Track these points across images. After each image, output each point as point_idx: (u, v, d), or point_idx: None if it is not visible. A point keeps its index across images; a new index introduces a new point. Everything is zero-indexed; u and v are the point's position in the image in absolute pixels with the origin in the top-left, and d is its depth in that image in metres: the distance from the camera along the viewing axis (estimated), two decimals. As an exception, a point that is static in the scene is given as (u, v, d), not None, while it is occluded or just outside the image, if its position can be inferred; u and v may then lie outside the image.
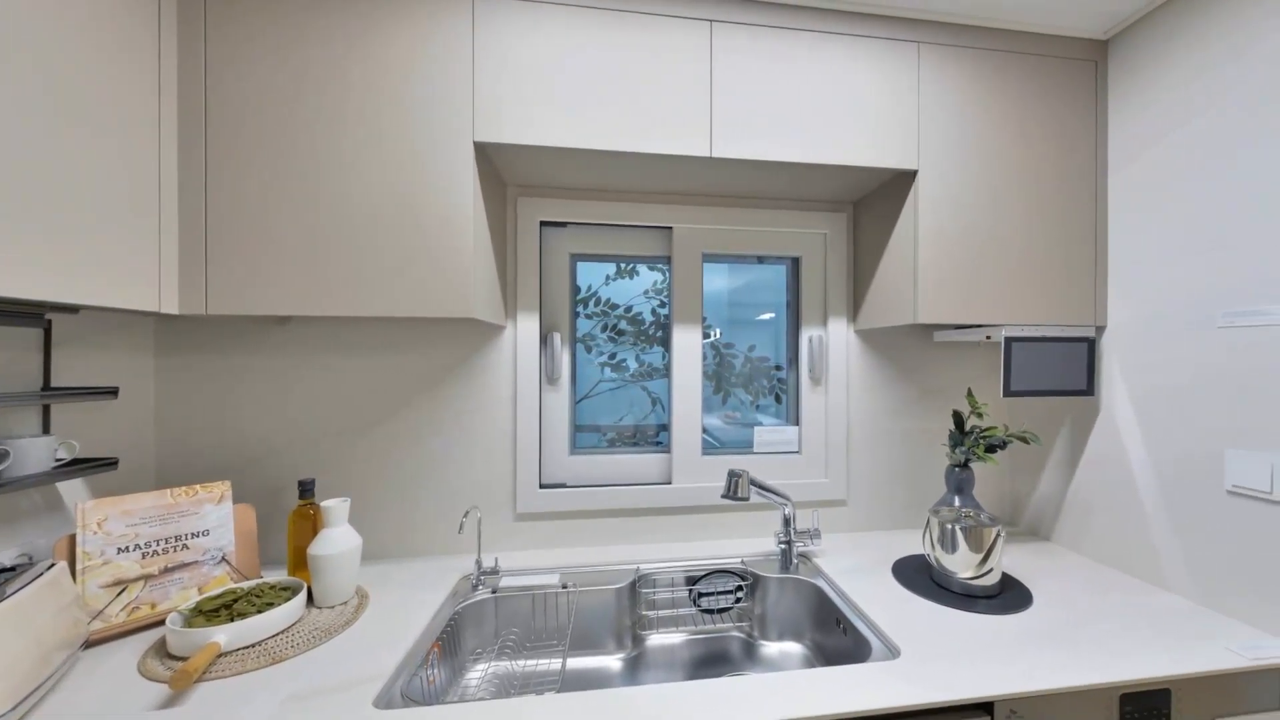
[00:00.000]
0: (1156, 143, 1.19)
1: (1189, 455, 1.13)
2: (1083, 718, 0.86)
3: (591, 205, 1.37)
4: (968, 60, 1.23)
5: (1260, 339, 1.01)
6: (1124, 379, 1.26)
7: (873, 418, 1.50)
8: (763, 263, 1.51)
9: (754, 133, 1.14)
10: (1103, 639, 0.95)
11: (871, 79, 1.19)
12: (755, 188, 1.36)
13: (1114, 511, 1.28)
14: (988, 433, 1.24)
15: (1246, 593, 1.03)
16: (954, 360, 1.53)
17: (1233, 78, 1.06)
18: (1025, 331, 1.26)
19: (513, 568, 1.27)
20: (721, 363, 1.50)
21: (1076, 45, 1.28)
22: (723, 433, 1.50)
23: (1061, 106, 1.28)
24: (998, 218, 1.24)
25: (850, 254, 1.50)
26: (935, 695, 0.79)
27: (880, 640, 0.98)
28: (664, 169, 1.22)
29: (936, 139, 1.22)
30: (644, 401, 1.47)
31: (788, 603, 1.27)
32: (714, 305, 1.49)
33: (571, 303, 1.43)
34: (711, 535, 1.43)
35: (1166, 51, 1.18)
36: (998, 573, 1.12)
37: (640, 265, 1.47)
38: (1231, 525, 1.05)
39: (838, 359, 1.48)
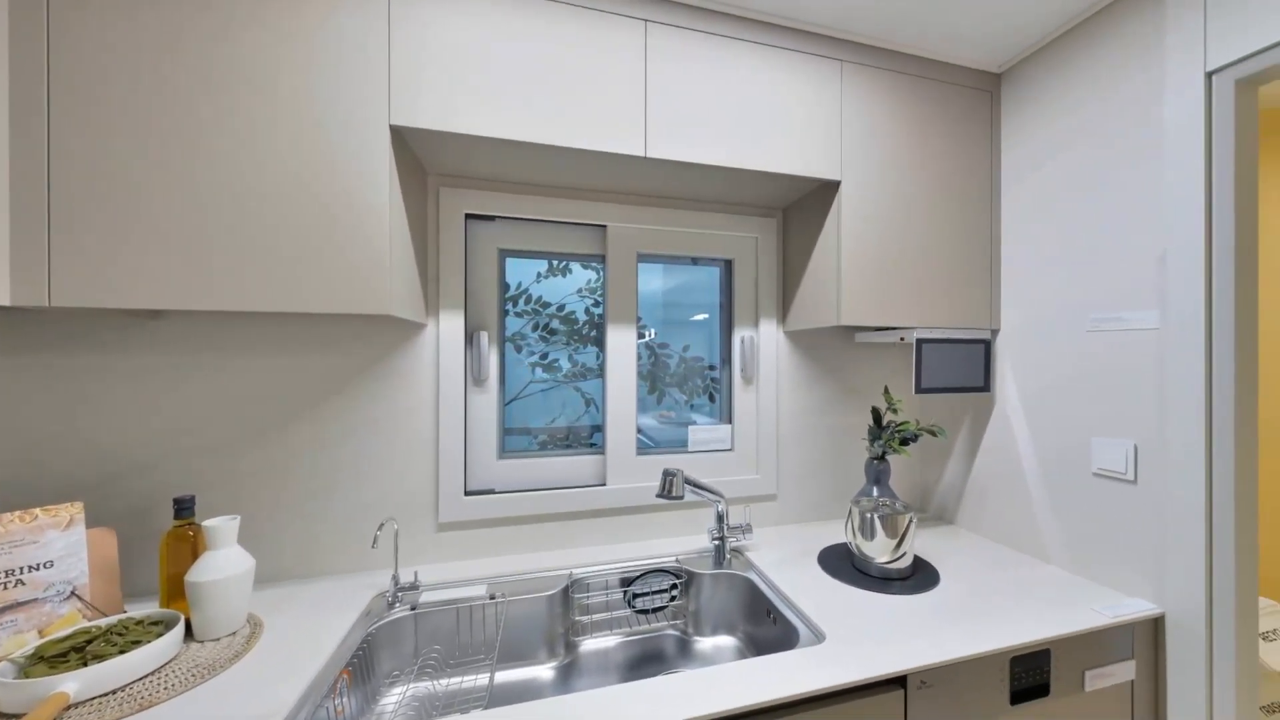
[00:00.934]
0: (1037, 169, 1.34)
1: (1064, 443, 1.27)
2: (980, 680, 0.95)
3: (522, 199, 1.32)
4: (885, 81, 1.32)
5: (1118, 341, 1.16)
6: (1014, 377, 1.40)
7: (800, 415, 1.56)
8: (697, 264, 1.53)
9: (689, 135, 1.15)
10: (996, 610, 1.05)
11: (800, 92, 1.24)
12: (690, 190, 1.37)
13: (1005, 495, 1.42)
14: (902, 427, 1.34)
15: (1108, 561, 1.18)
16: (873, 360, 1.64)
17: (1095, 115, 1.21)
18: (933, 334, 1.37)
19: (435, 581, 1.19)
20: (656, 363, 1.50)
21: (975, 76, 1.41)
22: (657, 432, 1.50)
23: (964, 130, 1.40)
24: (910, 229, 1.34)
25: (780, 258, 1.55)
26: (855, 674, 0.84)
27: (807, 627, 1.02)
28: (598, 166, 1.20)
29: (858, 152, 1.29)
30: (577, 402, 1.44)
31: (721, 597, 1.29)
32: (649, 305, 1.48)
33: (500, 300, 1.36)
34: (647, 535, 1.43)
35: (1045, 88, 1.33)
36: (910, 556, 1.20)
37: (573, 263, 1.43)
38: (1097, 503, 1.20)
39: (768, 359, 1.53)
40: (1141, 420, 1.12)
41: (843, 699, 0.85)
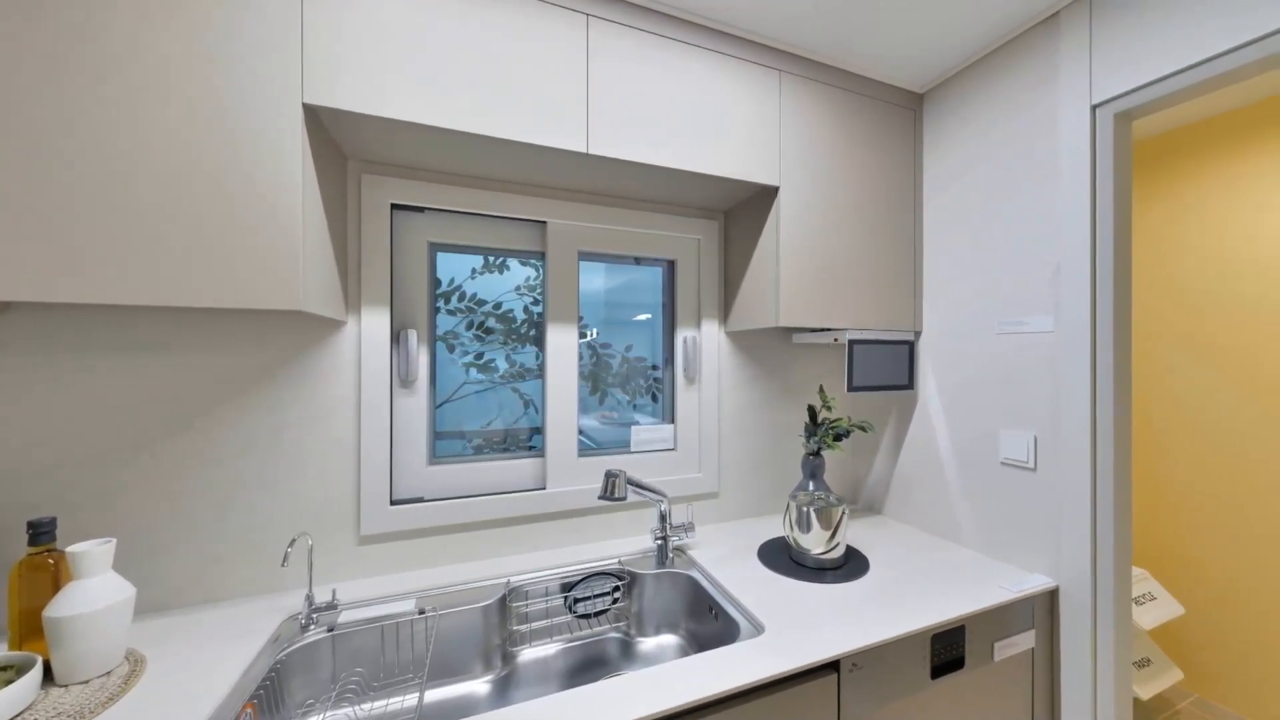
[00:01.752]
0: (951, 185, 1.45)
1: (976, 436, 1.38)
2: (905, 659, 1.01)
3: (455, 191, 1.26)
4: (821, 93, 1.37)
5: (1020, 344, 1.28)
6: (934, 375, 1.50)
7: (741, 413, 1.60)
8: (640, 264, 1.53)
9: (633, 135, 1.14)
10: (919, 593, 1.12)
11: (741, 98, 1.27)
12: (633, 189, 1.37)
13: (927, 485, 1.52)
14: (835, 424, 1.39)
15: (1013, 542, 1.29)
16: (809, 359, 1.70)
17: (1001, 139, 1.33)
18: (864, 335, 1.44)
19: (356, 599, 1.10)
20: (598, 363, 1.48)
21: (901, 95, 1.51)
22: (600, 433, 1.48)
23: (891, 144, 1.49)
24: (842, 235, 1.40)
25: (721, 260, 1.58)
26: (792, 663, 0.87)
27: (748, 620, 1.04)
28: (538, 161, 1.16)
29: (795, 160, 1.33)
30: (515, 404, 1.39)
31: (664, 597, 1.29)
32: (591, 305, 1.46)
33: (431, 297, 1.29)
34: (589, 538, 1.40)
35: (960, 111, 1.43)
36: (843, 546, 1.25)
37: (511, 260, 1.38)
38: (1003, 490, 1.31)
39: (710, 359, 1.55)
40: (1040, 414, 1.23)
41: (781, 687, 0.88)
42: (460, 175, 1.26)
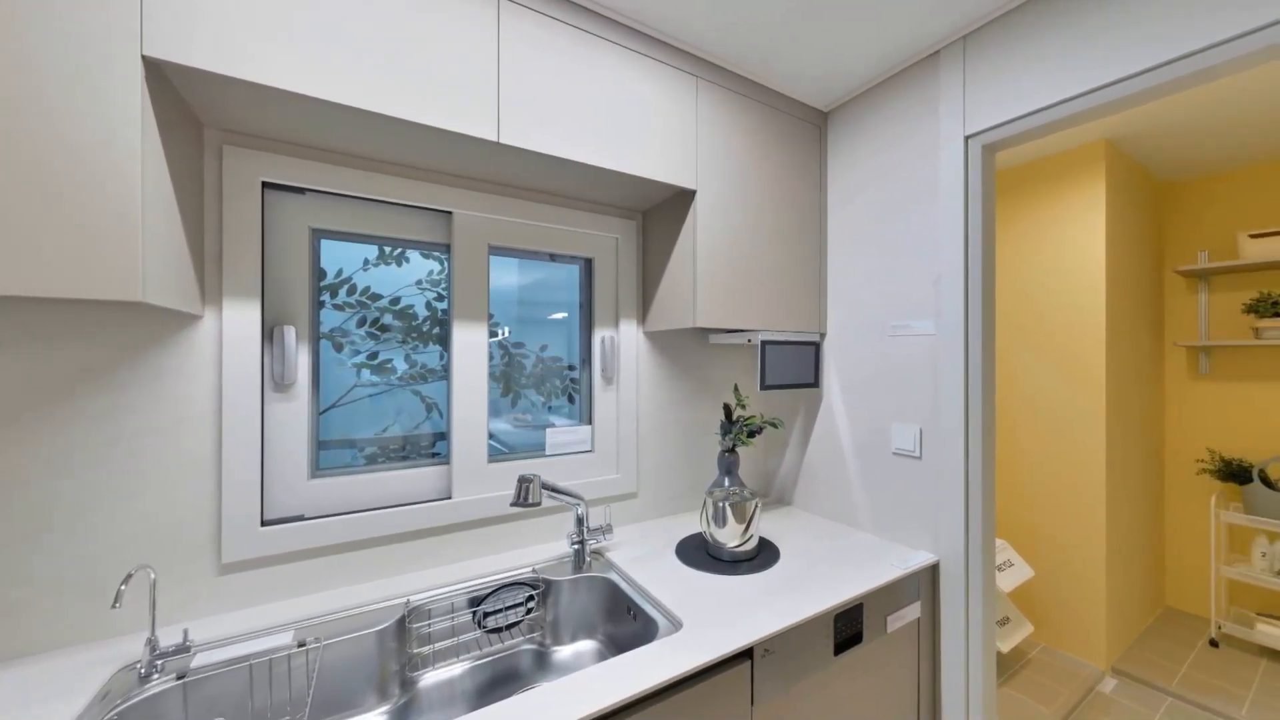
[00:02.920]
0: (852, 200, 1.56)
1: (872, 429, 1.50)
2: (812, 639, 1.07)
3: (344, 173, 1.13)
4: (736, 103, 1.41)
5: (908, 345, 1.40)
6: (837, 374, 1.61)
7: (660, 412, 1.61)
8: (555, 261, 1.48)
9: (548, 127, 1.10)
10: (823, 577, 1.19)
11: (660, 101, 1.28)
12: (549, 183, 1.32)
13: (830, 476, 1.62)
14: (749, 421, 1.44)
15: (903, 524, 1.41)
16: (724, 359, 1.75)
17: (892, 161, 1.45)
18: (775, 336, 1.51)
19: (216, 638, 0.95)
20: (511, 363, 1.41)
21: (809, 111, 1.60)
22: (512, 437, 1.41)
23: (800, 158, 1.58)
24: (756, 241, 1.46)
25: (640, 260, 1.58)
26: (709, 655, 0.89)
27: (666, 617, 1.04)
28: (444, 147, 1.08)
29: (712, 165, 1.36)
30: (416, 407, 1.28)
31: (581, 602, 1.25)
32: (502, 302, 1.39)
33: (314, 290, 1.15)
34: (500, 548, 1.33)
35: (858, 132, 1.55)
36: (756, 538, 1.30)
37: (412, 252, 1.27)
38: (895, 477, 1.43)
39: (629, 359, 1.54)
40: (924, 408, 1.36)
41: (699, 679, 0.89)
42: (352, 155, 1.13)
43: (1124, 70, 1.01)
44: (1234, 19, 0.88)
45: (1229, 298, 2.47)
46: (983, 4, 1.17)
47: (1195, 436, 2.57)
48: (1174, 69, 0.96)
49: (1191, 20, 0.93)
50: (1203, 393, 2.55)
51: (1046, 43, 1.12)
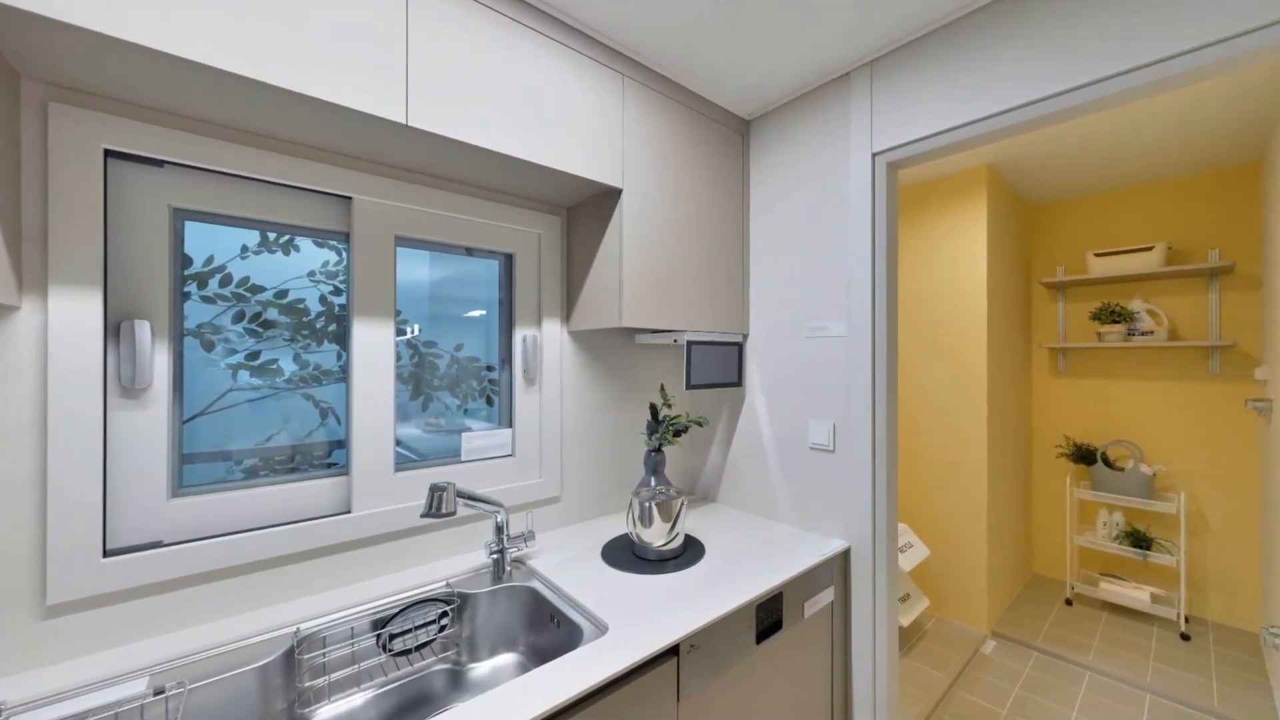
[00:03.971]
0: (772, 207, 1.62)
1: (791, 425, 1.57)
2: (735, 630, 1.09)
3: (217, 146, 0.98)
4: (662, 105, 1.42)
5: (824, 345, 1.48)
6: (759, 373, 1.67)
7: (584, 413, 1.57)
8: (472, 255, 1.39)
9: (464, 113, 1.03)
10: (746, 569, 1.22)
11: (587, 96, 1.25)
12: (466, 173, 1.24)
13: (753, 471, 1.68)
14: (675, 420, 1.45)
15: (819, 514, 1.49)
16: (651, 359, 1.75)
17: (808, 171, 1.52)
18: (701, 337, 1.53)
19: (38, 696, 0.78)
20: (422, 363, 1.31)
21: (732, 119, 1.64)
22: (424, 443, 1.31)
23: (725, 163, 1.61)
24: (683, 242, 1.47)
25: (564, 257, 1.53)
26: (634, 656, 0.87)
27: (591, 622, 1.02)
28: (344, 125, 0.98)
29: (638, 165, 1.35)
30: (308, 413, 1.14)
31: (500, 614, 1.19)
32: (413, 298, 1.28)
33: (175, 279, 0.99)
34: (410, 562, 1.23)
35: (778, 142, 1.61)
36: (682, 536, 1.31)
37: (303, 239, 1.13)
38: (811, 470, 1.51)
39: (552, 359, 1.49)
40: (838, 404, 1.44)
41: (627, 681, 0.88)
42: (228, 127, 0.99)
43: (1006, 104, 1.13)
44: (1097, 66, 1.01)
45: (1080, 306, 2.88)
46: (887, 33, 1.26)
47: (1055, 425, 2.97)
48: (1047, 105, 1.08)
49: (1061, 64, 1.06)
50: (1061, 388, 2.96)
51: (942, 74, 1.23)
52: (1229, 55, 0.88)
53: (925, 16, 1.21)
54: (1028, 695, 1.98)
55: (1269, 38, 0.85)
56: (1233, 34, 0.87)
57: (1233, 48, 0.88)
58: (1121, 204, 2.74)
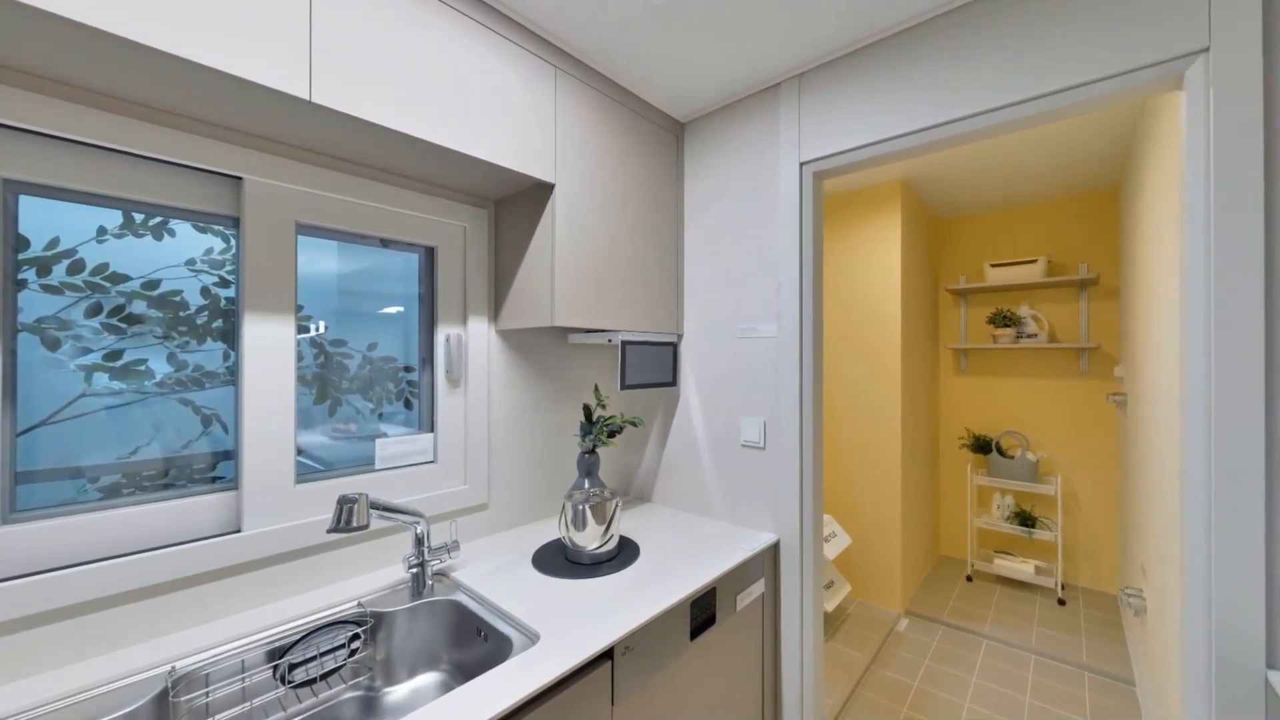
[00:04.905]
0: (706, 209, 1.65)
1: (724, 423, 1.60)
2: (669, 629, 1.09)
3: (69, 110, 0.83)
4: (597, 100, 1.39)
5: (755, 345, 1.52)
6: (693, 373, 1.69)
7: (514, 415, 1.51)
8: (389, 247, 1.29)
9: (377, 92, 0.95)
10: (681, 567, 1.23)
11: (517, 86, 1.20)
12: (381, 158, 1.14)
13: (687, 470, 1.69)
14: (609, 421, 1.43)
15: (751, 509, 1.53)
16: (584, 359, 1.72)
17: (740, 177, 1.56)
18: (635, 337, 1.52)
19: None
20: (329, 364, 1.19)
21: (667, 120, 1.64)
22: (331, 451, 1.20)
23: (660, 163, 1.61)
24: (618, 241, 1.45)
25: (492, 252, 1.46)
26: (567, 663, 0.85)
27: (521, 632, 0.98)
28: (235, 97, 0.87)
29: (571, 160, 1.32)
30: (187, 421, 1.00)
31: (421, 632, 1.12)
32: (317, 292, 1.17)
33: (7, 264, 0.83)
34: (316, 583, 1.12)
35: (712, 146, 1.64)
36: (616, 537, 1.29)
37: (180, 223, 0.99)
38: (743, 467, 1.55)
39: (478, 359, 1.41)
40: (768, 403, 1.49)
41: (557, 691, 0.85)
42: (88, 90, 0.84)
43: (917, 124, 1.21)
44: (991, 96, 1.11)
45: (979, 311, 3.19)
46: (814, 49, 1.32)
47: (958, 419, 3.27)
48: (951, 127, 1.18)
49: (963, 92, 1.15)
50: (963, 385, 3.26)
51: (863, 92, 1.30)
52: (1087, 96, 1.02)
53: (847, 37, 1.27)
54: (936, 666, 2.16)
55: (1118, 84, 0.99)
56: (1090, 79, 1.00)
57: (1090, 90, 1.01)
58: (1014, 221, 3.07)
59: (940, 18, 1.18)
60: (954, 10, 1.16)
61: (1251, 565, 0.85)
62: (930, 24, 1.19)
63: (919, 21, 1.21)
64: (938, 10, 1.17)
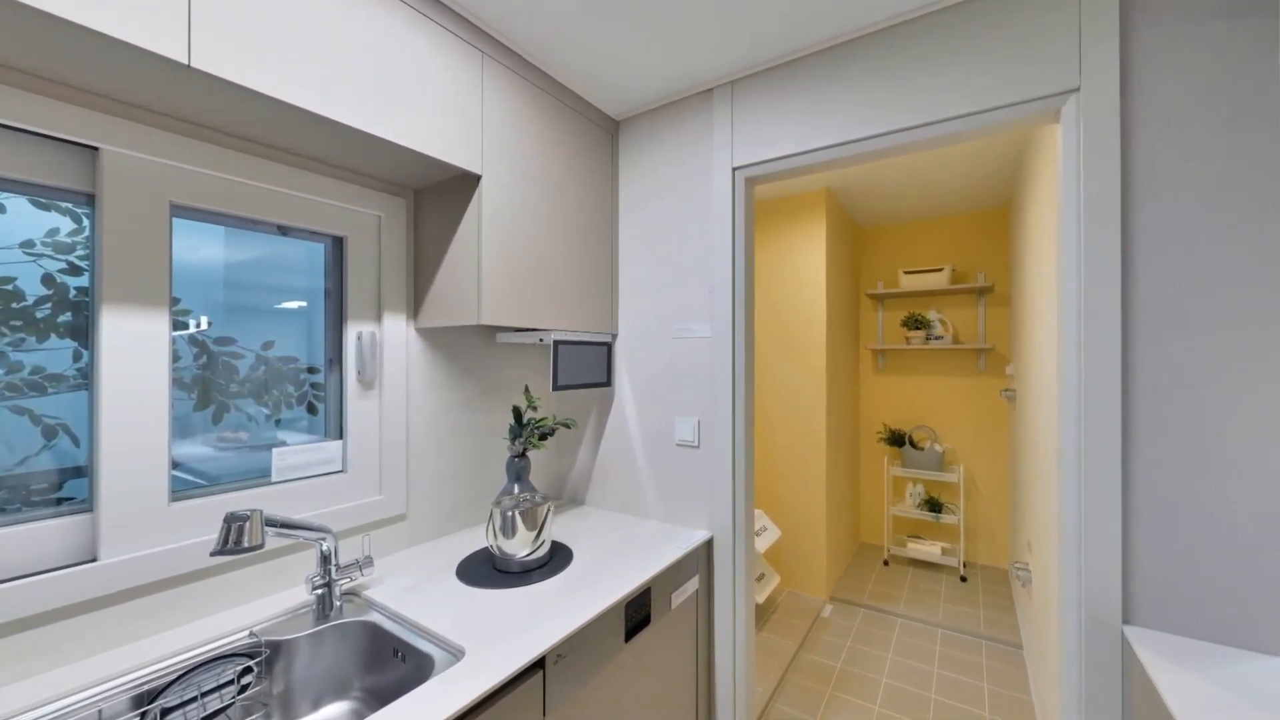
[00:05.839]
0: (641, 209, 1.65)
1: (658, 423, 1.60)
2: (603, 632, 1.07)
3: None
4: (528, 92, 1.34)
5: (690, 346, 1.54)
6: (627, 373, 1.68)
7: (437, 419, 1.42)
8: (289, 235, 1.17)
9: (271, 62, 0.85)
10: (615, 569, 1.22)
11: (439, 69, 1.13)
12: (280, 137, 1.03)
13: (622, 471, 1.68)
14: (540, 423, 1.39)
15: (685, 508, 1.54)
16: (514, 359, 1.66)
17: (675, 178, 1.57)
18: (568, 336, 1.49)
19: None
20: (213, 365, 1.06)
21: (602, 117, 1.62)
22: (217, 463, 1.06)
23: (595, 161, 1.58)
24: (550, 238, 1.41)
25: (411, 244, 1.37)
26: (494, 678, 0.81)
27: (443, 649, 0.92)
28: (96, 54, 0.74)
29: (500, 151, 1.26)
30: (22, 433, 0.85)
31: (328, 658, 1.02)
32: (199, 283, 1.03)
33: None
34: (198, 613, 0.99)
35: (647, 146, 1.64)
36: (548, 543, 1.25)
37: (14, 198, 0.83)
38: (678, 466, 1.56)
39: (396, 359, 1.32)
40: (702, 402, 1.51)
41: (485, 707, 0.80)
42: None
43: (843, 136, 1.28)
44: (907, 115, 1.20)
45: (895, 315, 3.44)
46: (747, 56, 1.35)
47: (876, 414, 3.51)
48: (872, 142, 1.25)
49: (883, 110, 1.23)
50: (880, 383, 3.51)
51: (793, 102, 1.35)
52: (985, 123, 1.13)
53: (778, 49, 1.32)
54: (858, 646, 2.30)
55: (1009, 114, 1.10)
56: (987, 108, 1.11)
57: (987, 117, 1.12)
58: (925, 232, 3.34)
59: (865, 38, 1.25)
60: (877, 33, 1.23)
61: (1111, 538, 0.98)
62: (856, 43, 1.26)
63: (846, 40, 1.27)
64: (862, 31, 1.24)
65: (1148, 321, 0.96)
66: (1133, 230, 0.97)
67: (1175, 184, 0.94)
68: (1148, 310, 0.96)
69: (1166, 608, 0.94)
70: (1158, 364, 0.95)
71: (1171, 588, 0.94)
